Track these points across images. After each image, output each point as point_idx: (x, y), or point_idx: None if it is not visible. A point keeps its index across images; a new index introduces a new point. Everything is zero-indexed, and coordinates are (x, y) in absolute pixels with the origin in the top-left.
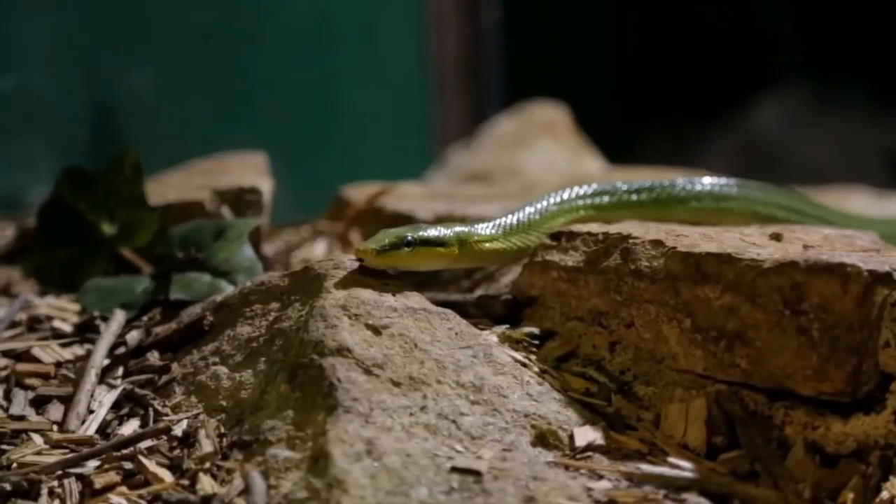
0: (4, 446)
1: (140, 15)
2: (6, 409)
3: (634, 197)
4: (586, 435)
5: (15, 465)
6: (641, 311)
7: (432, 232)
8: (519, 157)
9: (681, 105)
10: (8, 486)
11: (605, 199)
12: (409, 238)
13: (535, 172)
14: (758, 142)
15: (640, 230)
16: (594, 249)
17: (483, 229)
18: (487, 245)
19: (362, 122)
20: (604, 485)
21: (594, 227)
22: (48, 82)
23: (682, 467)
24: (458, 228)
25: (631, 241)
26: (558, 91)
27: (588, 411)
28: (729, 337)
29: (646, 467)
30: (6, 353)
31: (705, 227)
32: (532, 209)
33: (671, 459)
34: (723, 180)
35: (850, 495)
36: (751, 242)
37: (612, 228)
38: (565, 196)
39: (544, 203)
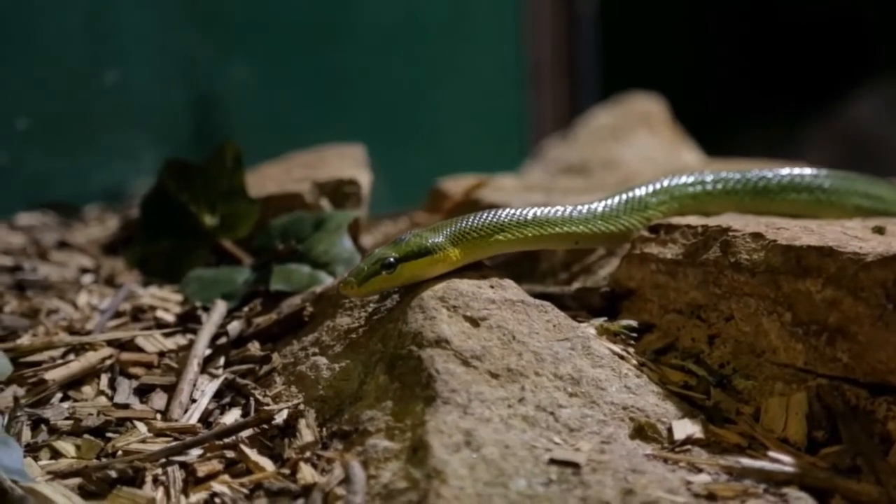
0: (109, 434)
1: (241, 11)
2: (111, 398)
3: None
4: (685, 428)
5: (120, 452)
6: (741, 305)
7: (415, 244)
8: (616, 149)
9: (779, 97)
10: (113, 474)
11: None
12: (390, 260)
13: (632, 165)
14: (856, 134)
15: (740, 223)
16: (693, 242)
17: (485, 218)
18: (496, 237)
19: (459, 114)
20: (703, 478)
21: (693, 220)
22: (151, 77)
23: (783, 461)
24: (452, 227)
25: (731, 233)
26: (654, 83)
27: (687, 404)
28: (830, 331)
29: (746, 461)
30: (111, 343)
31: (806, 220)
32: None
33: (771, 453)
34: (825, 172)
35: None
36: (853, 236)
37: (712, 221)
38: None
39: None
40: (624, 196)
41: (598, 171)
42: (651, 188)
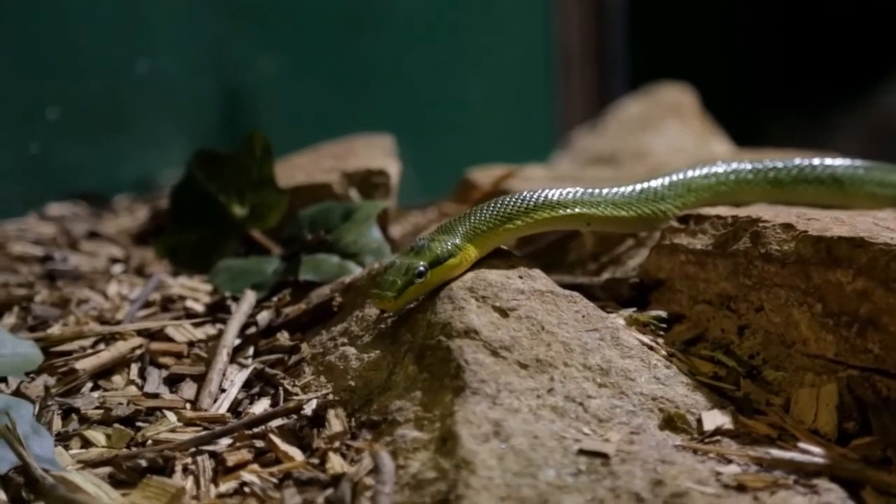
0: (139, 423)
1: (271, 1)
2: (141, 387)
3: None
4: (715, 419)
5: (150, 441)
6: (771, 295)
7: (438, 248)
8: (645, 139)
9: (810, 86)
10: (143, 463)
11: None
12: (421, 268)
13: (662, 155)
14: (889, 123)
15: (770, 213)
16: (723, 233)
17: (492, 211)
18: (506, 226)
19: (488, 104)
20: (733, 469)
21: (723, 210)
22: (181, 67)
23: (813, 453)
24: (464, 228)
25: (761, 224)
26: (684, 73)
27: (716, 395)
28: (861, 322)
29: (776, 452)
30: (141, 332)
31: (836, 211)
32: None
33: (801, 445)
34: (857, 162)
35: None
36: (884, 227)
37: (742, 211)
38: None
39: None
40: (640, 185)
41: (627, 162)
42: (671, 178)
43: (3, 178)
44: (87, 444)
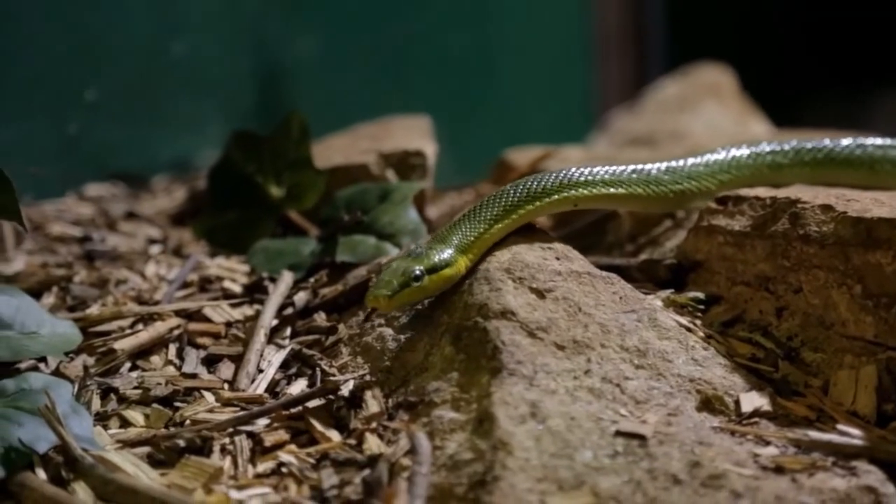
0: (178, 403)
1: None
2: (179, 367)
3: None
4: (753, 400)
5: (188, 421)
6: (810, 277)
7: (435, 256)
8: (683, 120)
9: (850, 67)
10: (182, 443)
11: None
12: (417, 272)
13: (700, 136)
14: None
15: (809, 194)
16: (761, 214)
17: (477, 224)
18: (491, 231)
19: (525, 85)
20: (771, 451)
21: (762, 192)
22: (218, 48)
23: (852, 434)
24: (457, 239)
25: (800, 205)
26: (721, 53)
27: (754, 377)
28: None
29: (814, 434)
30: (179, 313)
31: (876, 192)
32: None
33: (840, 426)
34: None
35: None
36: None
37: (781, 193)
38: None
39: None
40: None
41: (665, 143)
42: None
43: (41, 159)
44: (125, 423)
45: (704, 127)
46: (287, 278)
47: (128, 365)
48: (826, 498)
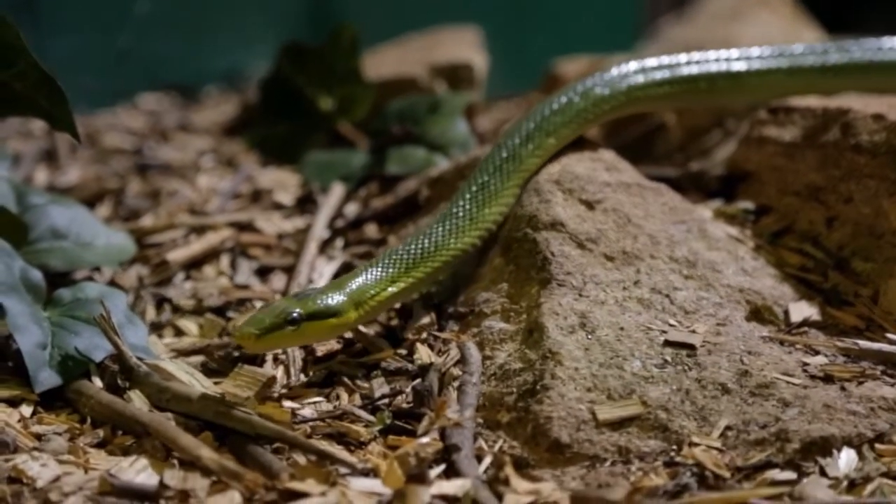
0: (231, 313)
1: None
2: (231, 278)
3: None
4: (802, 310)
5: None
6: (861, 186)
7: (322, 303)
8: (734, 28)
9: None
10: (235, 353)
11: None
12: (294, 315)
13: (751, 45)
14: None
15: (860, 104)
16: (812, 124)
17: (378, 273)
18: (389, 290)
19: None
20: (819, 360)
21: (812, 102)
22: None
23: None
24: (353, 285)
25: (851, 115)
26: None
27: (804, 287)
28: None
29: (863, 343)
30: (231, 224)
31: None
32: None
33: (889, 335)
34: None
35: None
36: None
37: (831, 102)
38: None
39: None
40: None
41: None
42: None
43: (94, 71)
44: (179, 333)
45: (755, 36)
46: (338, 190)
47: (181, 275)
48: (875, 406)
